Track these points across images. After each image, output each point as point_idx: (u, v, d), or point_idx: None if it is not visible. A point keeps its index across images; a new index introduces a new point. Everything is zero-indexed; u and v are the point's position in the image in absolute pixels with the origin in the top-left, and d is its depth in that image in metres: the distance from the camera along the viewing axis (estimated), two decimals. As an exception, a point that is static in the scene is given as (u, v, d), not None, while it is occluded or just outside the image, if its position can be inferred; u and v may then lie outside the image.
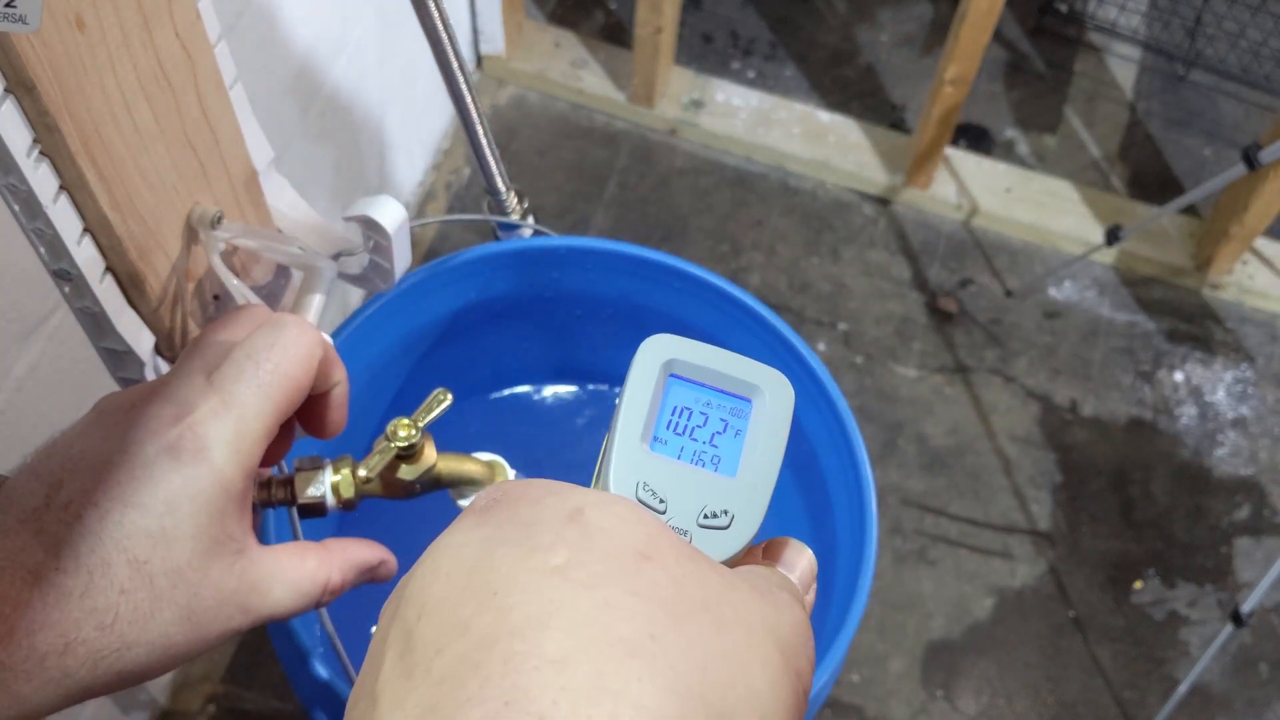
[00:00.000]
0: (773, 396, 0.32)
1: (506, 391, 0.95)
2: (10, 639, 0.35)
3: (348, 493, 0.49)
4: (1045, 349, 1.52)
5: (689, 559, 0.27)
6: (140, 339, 0.49)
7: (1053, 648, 1.33)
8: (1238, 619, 1.10)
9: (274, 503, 0.48)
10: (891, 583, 1.34)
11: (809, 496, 0.84)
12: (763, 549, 0.32)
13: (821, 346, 1.49)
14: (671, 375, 0.32)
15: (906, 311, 1.53)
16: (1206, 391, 1.52)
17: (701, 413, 0.32)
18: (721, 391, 0.32)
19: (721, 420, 0.32)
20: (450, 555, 0.26)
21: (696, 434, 0.31)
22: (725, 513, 0.30)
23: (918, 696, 1.28)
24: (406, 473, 0.52)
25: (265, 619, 0.42)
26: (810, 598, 0.31)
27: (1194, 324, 1.57)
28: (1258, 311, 1.59)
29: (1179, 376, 1.52)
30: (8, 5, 0.29)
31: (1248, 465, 1.47)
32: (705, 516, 0.30)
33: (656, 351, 0.32)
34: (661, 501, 0.30)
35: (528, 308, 0.85)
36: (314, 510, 0.49)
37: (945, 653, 1.31)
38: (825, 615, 0.76)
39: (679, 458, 0.31)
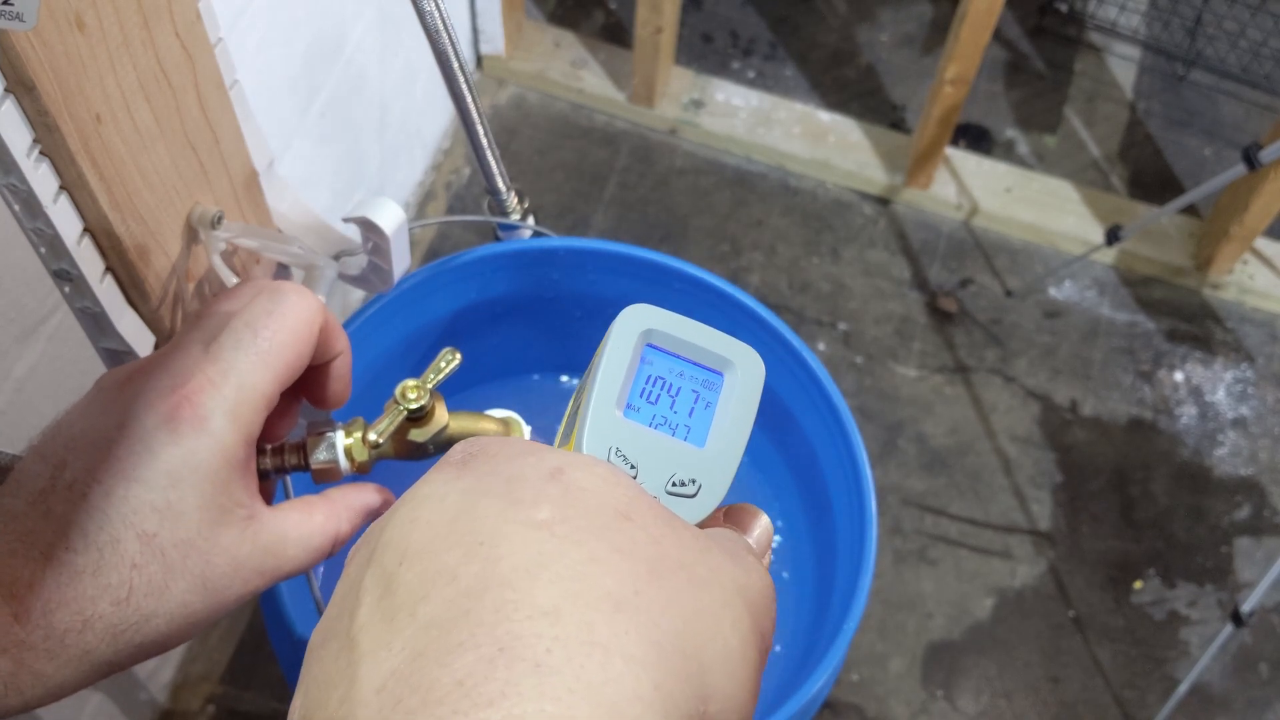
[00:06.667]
0: (744, 371, 0.33)
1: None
2: (27, 619, 0.35)
3: (360, 456, 0.49)
4: (1045, 349, 1.52)
5: (666, 521, 0.27)
6: (140, 339, 0.49)
7: (1053, 648, 1.33)
8: (1238, 619, 1.10)
9: (287, 468, 0.48)
10: (891, 583, 1.34)
11: (809, 496, 0.84)
12: (724, 514, 0.32)
13: (821, 346, 1.49)
14: (648, 345, 0.33)
15: (906, 311, 1.53)
16: (1206, 391, 1.52)
17: (675, 383, 0.32)
18: (695, 364, 0.33)
19: (694, 391, 0.32)
20: (430, 505, 0.27)
21: (669, 403, 0.32)
22: (693, 481, 0.31)
23: (918, 696, 1.28)
24: (418, 435, 0.51)
25: (282, 577, 0.42)
26: (766, 561, 0.32)
27: (1194, 324, 1.57)
28: (1258, 311, 1.59)
29: (1179, 376, 1.52)
30: (5, 4, 0.29)
31: (1248, 465, 1.47)
32: (673, 484, 0.31)
33: (635, 321, 0.32)
34: (632, 467, 0.31)
35: (528, 309, 0.85)
36: (328, 474, 0.48)
37: (945, 653, 1.31)
38: (825, 615, 0.76)
39: (651, 425, 0.32)
